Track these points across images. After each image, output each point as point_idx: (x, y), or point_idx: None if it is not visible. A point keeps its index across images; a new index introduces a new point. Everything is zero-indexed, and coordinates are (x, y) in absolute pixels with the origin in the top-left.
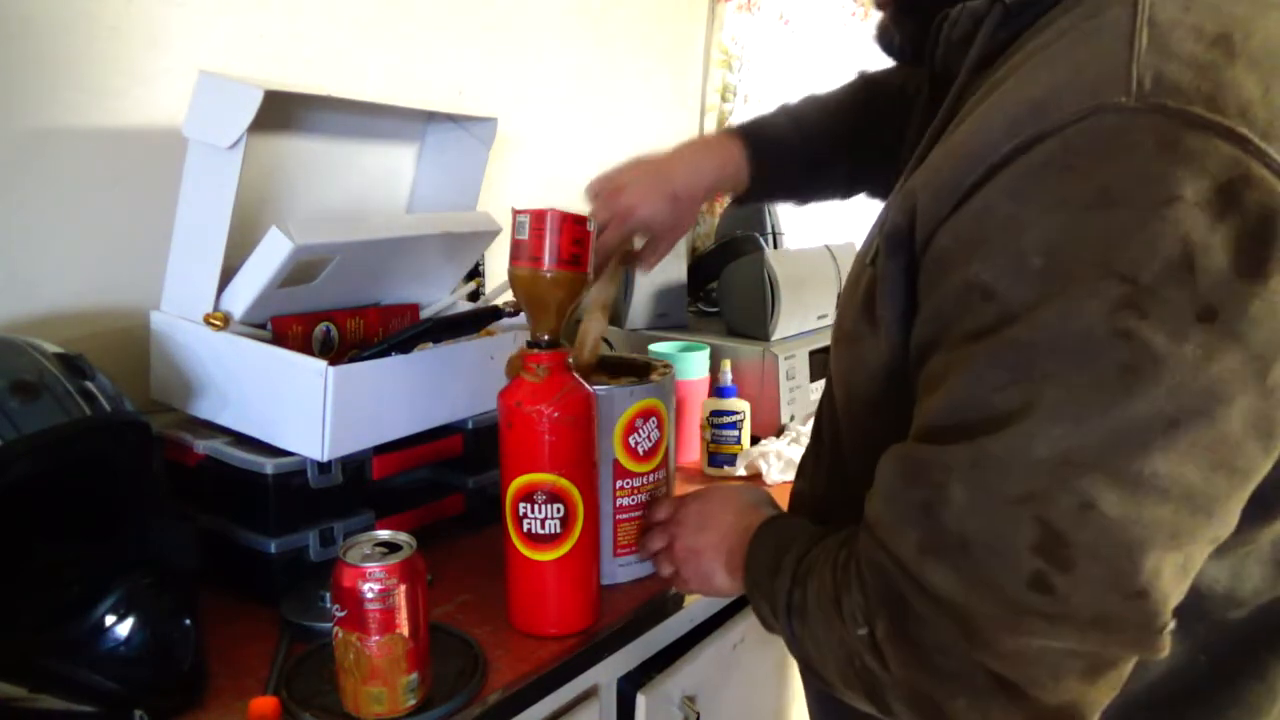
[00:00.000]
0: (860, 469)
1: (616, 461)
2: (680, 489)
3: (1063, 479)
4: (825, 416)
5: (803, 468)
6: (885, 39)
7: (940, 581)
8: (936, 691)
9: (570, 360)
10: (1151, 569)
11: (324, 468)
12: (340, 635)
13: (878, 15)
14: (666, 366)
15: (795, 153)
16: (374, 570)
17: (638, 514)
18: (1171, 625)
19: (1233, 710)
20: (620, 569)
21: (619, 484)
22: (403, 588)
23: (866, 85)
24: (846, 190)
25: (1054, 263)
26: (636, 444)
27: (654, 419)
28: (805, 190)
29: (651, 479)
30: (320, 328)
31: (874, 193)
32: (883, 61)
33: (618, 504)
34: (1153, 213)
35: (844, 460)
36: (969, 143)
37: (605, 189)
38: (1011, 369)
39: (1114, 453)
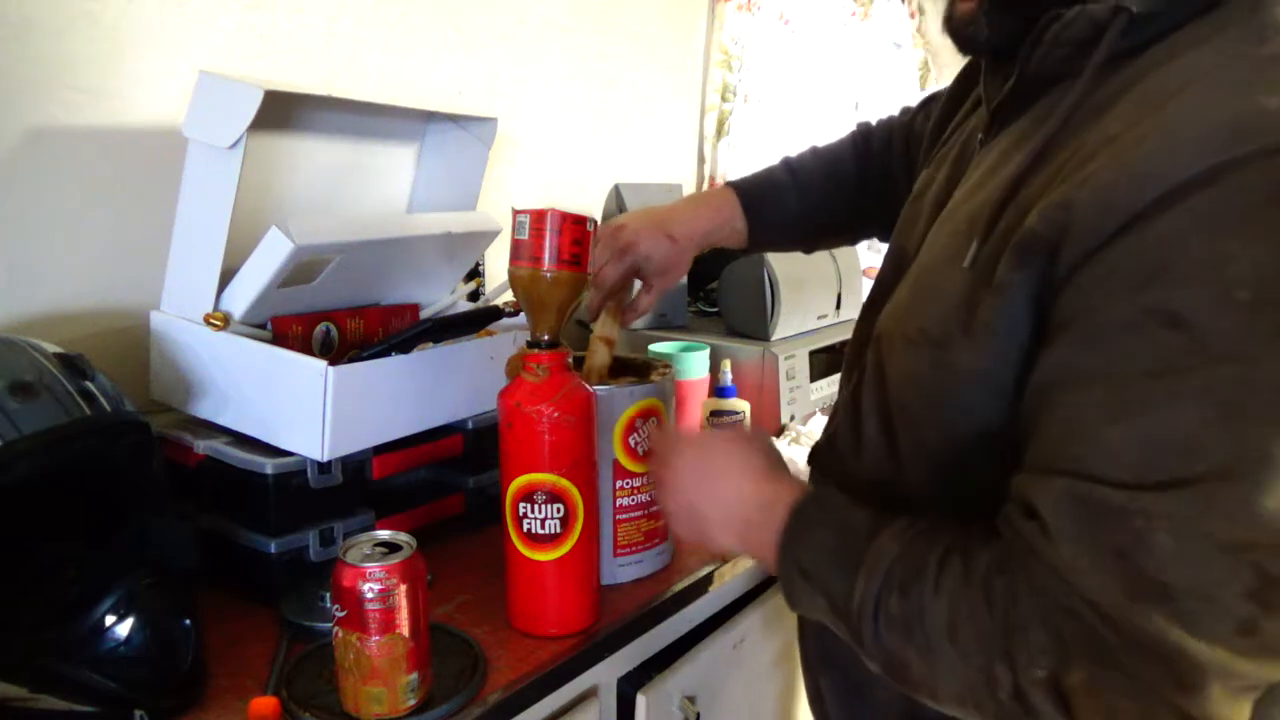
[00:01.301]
0: (921, 470)
1: (616, 462)
2: None
3: None
4: (867, 416)
5: (822, 460)
6: (969, 28)
7: (1156, 630)
8: None
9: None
10: None
11: (324, 468)
12: (340, 635)
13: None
14: (666, 366)
15: (790, 205)
16: (374, 570)
17: (638, 514)
18: None
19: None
20: (620, 569)
21: (619, 484)
22: (403, 588)
23: (866, 136)
24: (852, 237)
25: (1265, 297)
26: (636, 444)
27: (654, 419)
28: (805, 240)
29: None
30: (320, 328)
31: (883, 237)
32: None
33: (617, 504)
34: None
35: (897, 454)
36: (1145, 160)
37: (606, 230)
38: (1221, 407)
39: None
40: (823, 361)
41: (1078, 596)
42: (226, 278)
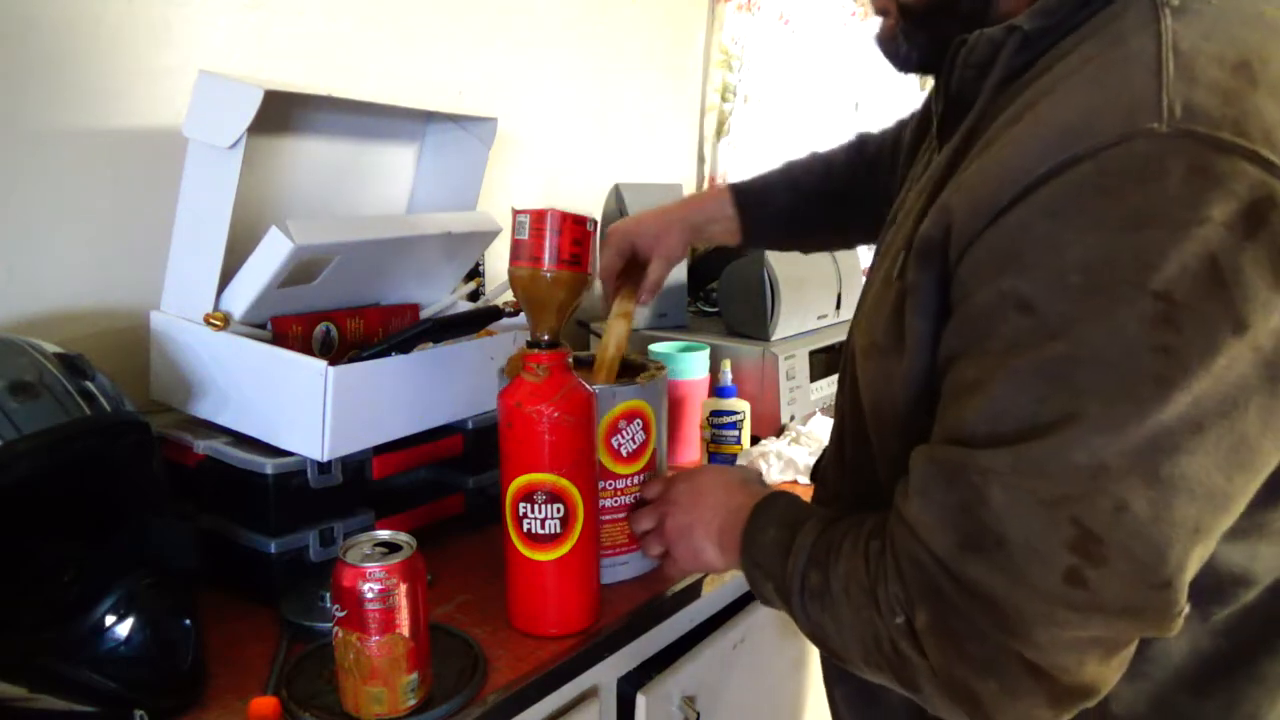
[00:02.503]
0: (892, 476)
1: (599, 463)
2: None
3: (1099, 484)
4: (848, 424)
5: (823, 475)
6: (892, 47)
7: (980, 577)
8: (970, 677)
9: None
10: (1176, 562)
11: (324, 468)
12: (340, 635)
13: (877, 20)
14: (659, 368)
15: (781, 203)
16: (374, 570)
17: (621, 516)
18: (1187, 609)
19: (1253, 688)
20: (604, 570)
21: (602, 485)
22: (403, 588)
23: (859, 140)
24: (843, 241)
25: (1092, 281)
26: (620, 445)
27: (639, 421)
28: (797, 239)
29: (637, 481)
30: (320, 328)
31: (870, 243)
32: (884, 71)
33: (601, 505)
34: (1184, 233)
35: (872, 466)
36: (1005, 162)
37: (604, 237)
38: (1052, 381)
39: (1147, 458)
40: (823, 361)
41: (921, 547)
42: (226, 278)
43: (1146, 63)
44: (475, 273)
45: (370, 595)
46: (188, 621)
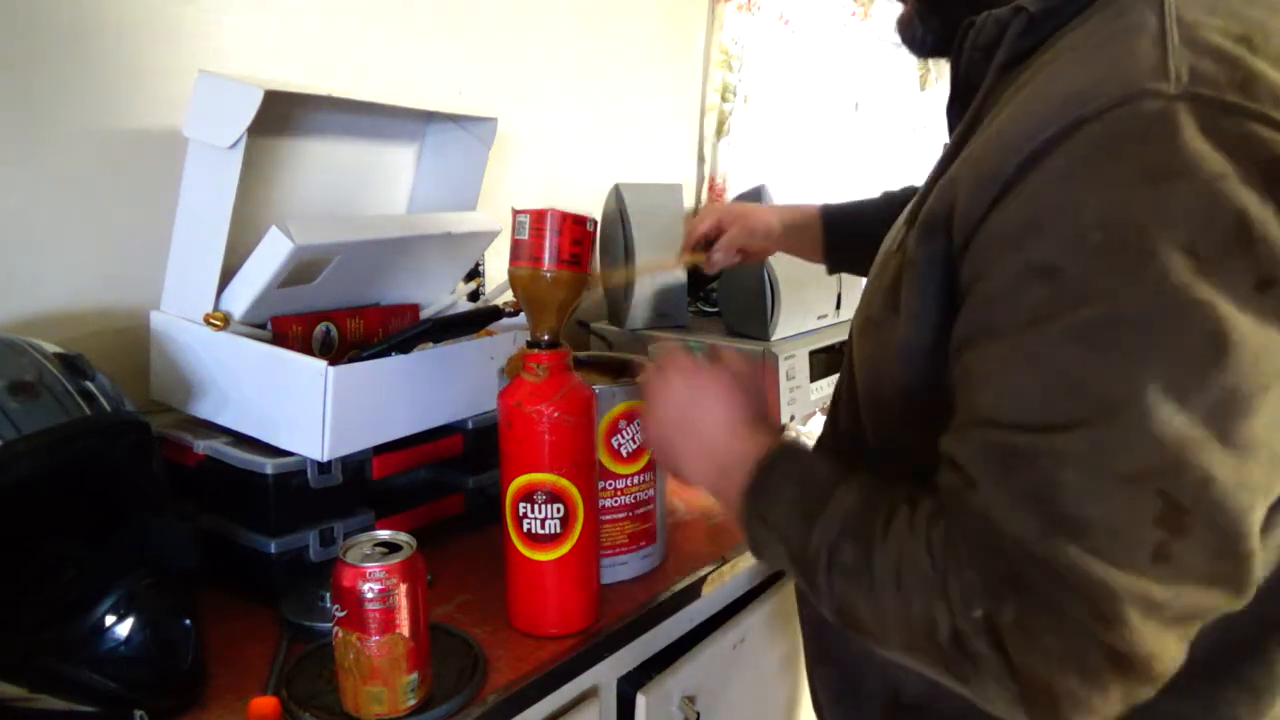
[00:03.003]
0: (884, 452)
1: (599, 463)
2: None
3: (1183, 454)
4: (843, 404)
5: (824, 448)
6: (908, 32)
7: (1073, 561)
8: (1050, 672)
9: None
10: (1251, 528)
11: (324, 468)
12: (340, 635)
13: (898, 7)
14: None
15: (868, 229)
16: (374, 570)
17: (622, 516)
18: (1260, 578)
19: (1232, 691)
20: (603, 571)
21: (602, 485)
22: (403, 588)
23: None
24: None
25: (1114, 237)
26: (620, 445)
27: (639, 421)
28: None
29: (637, 481)
30: (320, 328)
31: None
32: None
33: (600, 505)
34: (1204, 188)
35: (865, 445)
36: (1009, 132)
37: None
38: (1095, 347)
39: (1222, 421)
40: (823, 361)
41: (1001, 536)
42: (226, 278)
43: (1150, 32)
44: (475, 273)
45: (370, 595)
46: (188, 621)
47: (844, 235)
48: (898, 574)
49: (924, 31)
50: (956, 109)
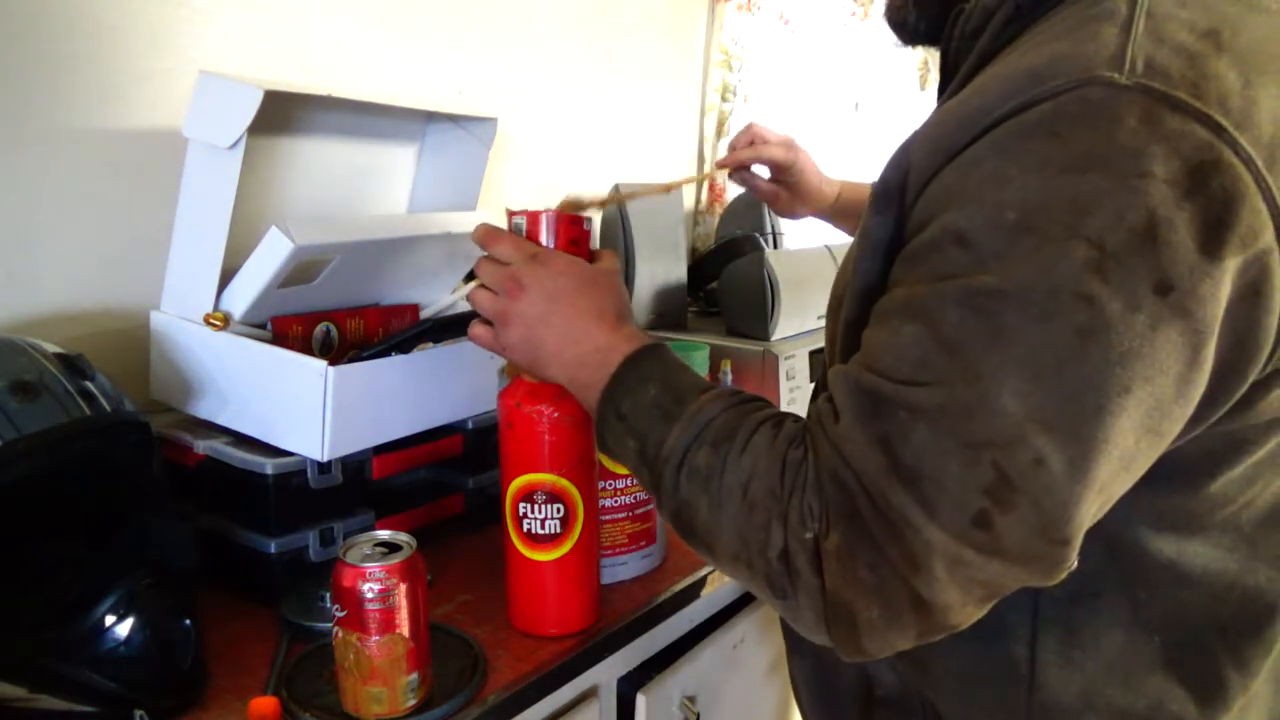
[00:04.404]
0: None
1: (598, 462)
2: None
3: (1022, 434)
4: (819, 388)
5: None
6: (899, 18)
7: (900, 505)
8: (857, 600)
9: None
10: (1079, 520)
11: (324, 468)
12: (340, 635)
13: (881, 4)
14: None
15: None
16: (374, 570)
17: (621, 516)
18: (1074, 563)
19: (1181, 689)
20: (603, 571)
21: (601, 485)
22: (403, 588)
23: None
24: None
25: (1027, 219)
26: None
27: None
28: None
29: (637, 481)
30: (320, 328)
31: None
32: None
33: (599, 505)
34: (1125, 183)
35: None
36: (966, 105)
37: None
38: (977, 313)
39: (1071, 415)
40: (823, 362)
41: (847, 467)
42: (226, 278)
43: (1118, 20)
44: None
45: (370, 595)
46: (188, 621)
47: None
48: (746, 486)
49: (917, 16)
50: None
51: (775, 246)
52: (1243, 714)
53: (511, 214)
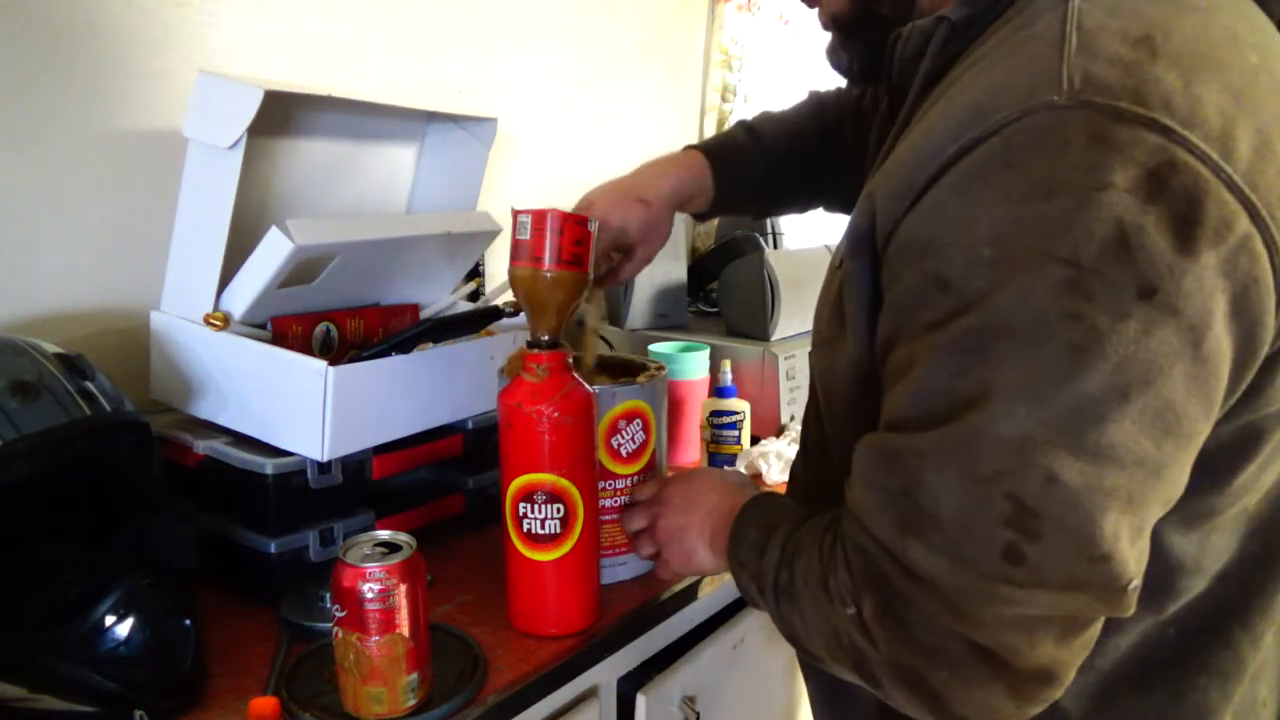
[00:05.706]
0: (846, 464)
1: (598, 462)
2: None
3: (1027, 456)
4: (810, 420)
5: (793, 474)
6: (835, 58)
7: (921, 559)
8: (921, 665)
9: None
10: (1111, 533)
11: (324, 468)
12: (340, 635)
13: (828, 36)
14: (659, 369)
15: (755, 170)
16: (374, 570)
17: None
18: (1137, 583)
19: (1202, 678)
20: (604, 570)
21: (602, 485)
22: (403, 588)
23: (818, 102)
24: (804, 204)
25: (1002, 252)
26: (619, 445)
27: (639, 421)
28: (764, 202)
29: (637, 481)
30: (320, 328)
31: (830, 207)
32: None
33: (600, 505)
34: (1088, 199)
35: (831, 459)
36: (919, 145)
37: (577, 211)
38: (968, 353)
39: (1072, 427)
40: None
41: (865, 533)
42: (226, 278)
43: (1051, 40)
44: (475, 273)
45: (370, 595)
46: (188, 621)
47: (732, 183)
48: (806, 583)
49: (849, 57)
50: (889, 120)
51: (775, 246)
52: (1254, 683)
53: (516, 212)
